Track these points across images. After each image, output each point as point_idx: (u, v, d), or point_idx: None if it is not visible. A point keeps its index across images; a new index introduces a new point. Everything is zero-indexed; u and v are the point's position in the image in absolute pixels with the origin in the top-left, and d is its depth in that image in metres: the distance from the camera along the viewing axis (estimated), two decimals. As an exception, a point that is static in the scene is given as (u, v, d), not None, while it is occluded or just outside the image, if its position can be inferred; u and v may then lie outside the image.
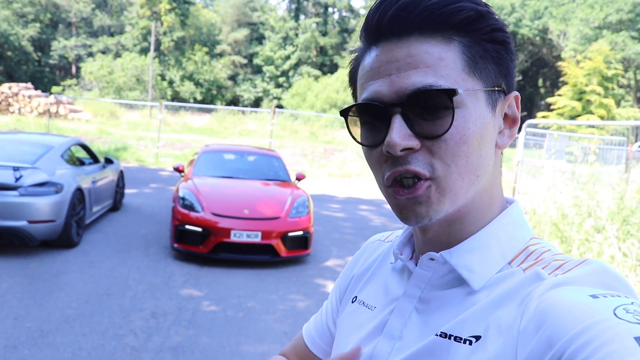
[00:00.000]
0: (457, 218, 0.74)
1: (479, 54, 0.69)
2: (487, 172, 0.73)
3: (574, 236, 7.24)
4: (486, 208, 0.75)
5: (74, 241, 6.88)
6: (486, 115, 0.70)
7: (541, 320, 0.58)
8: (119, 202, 9.47)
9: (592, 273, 0.63)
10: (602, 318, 0.53)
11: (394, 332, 0.77)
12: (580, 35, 43.66)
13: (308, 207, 7.37)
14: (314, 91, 46.71)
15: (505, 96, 0.74)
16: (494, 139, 0.73)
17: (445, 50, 0.68)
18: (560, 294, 0.59)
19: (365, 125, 0.74)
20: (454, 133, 0.67)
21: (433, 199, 0.69)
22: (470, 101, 0.68)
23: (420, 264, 0.77)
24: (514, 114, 0.76)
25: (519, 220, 0.77)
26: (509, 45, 0.72)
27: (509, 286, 0.68)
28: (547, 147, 13.53)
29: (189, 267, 6.50)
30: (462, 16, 0.67)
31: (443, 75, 0.67)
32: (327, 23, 60.23)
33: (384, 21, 0.70)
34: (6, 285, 5.38)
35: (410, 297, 0.77)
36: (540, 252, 0.71)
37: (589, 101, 35.18)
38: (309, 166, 19.08)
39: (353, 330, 0.86)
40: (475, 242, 0.74)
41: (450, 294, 0.74)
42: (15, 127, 21.60)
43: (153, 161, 17.52)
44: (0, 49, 50.14)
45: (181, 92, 51.58)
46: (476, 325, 0.67)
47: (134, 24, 54.47)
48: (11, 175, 6.36)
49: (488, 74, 0.70)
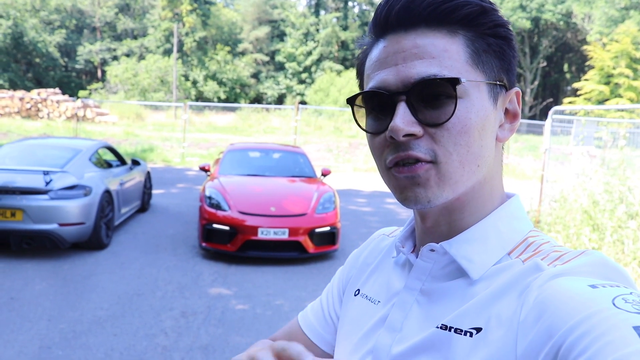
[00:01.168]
0: (457, 207, 0.75)
1: (482, 47, 0.72)
2: (488, 163, 0.74)
3: (606, 223, 7.11)
4: (486, 199, 0.76)
5: (103, 243, 6.98)
6: (488, 108, 0.72)
7: (541, 311, 0.59)
8: (146, 203, 9.57)
9: (591, 264, 0.63)
10: (601, 308, 0.54)
11: (395, 324, 0.78)
12: (606, 17, 42.74)
13: (334, 203, 7.36)
14: (337, 86, 46.60)
15: (506, 91, 0.76)
16: (494, 131, 0.75)
17: (450, 42, 0.70)
18: (560, 284, 0.60)
19: (371, 113, 0.76)
20: (455, 122, 0.69)
21: (432, 182, 0.71)
22: (473, 92, 0.70)
23: (420, 256, 0.79)
24: (515, 109, 0.78)
25: (519, 213, 0.78)
26: (511, 42, 0.74)
27: (509, 277, 0.68)
28: (574, 134, 13.30)
29: (217, 266, 6.54)
30: (466, 11, 0.70)
31: (447, 66, 0.70)
32: (348, 17, 59.96)
33: (392, 14, 0.73)
34: (39, 288, 5.48)
35: (411, 290, 0.78)
36: (539, 244, 0.72)
37: (617, 84, 34.44)
38: (335, 161, 19.06)
39: (356, 323, 0.86)
40: (474, 232, 0.75)
41: (450, 286, 0.74)
42: (45, 132, 22.01)
43: (179, 161, 17.68)
44: (29, 56, 51.07)
45: (205, 92, 51.92)
46: (477, 317, 0.68)
47: (157, 26, 54.94)
48: (41, 179, 6.47)
49: (490, 68, 0.73)
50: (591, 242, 7.06)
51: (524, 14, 49.64)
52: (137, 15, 59.46)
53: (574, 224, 7.64)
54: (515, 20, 49.49)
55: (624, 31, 35.57)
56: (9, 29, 47.39)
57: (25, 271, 5.97)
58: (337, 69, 53.98)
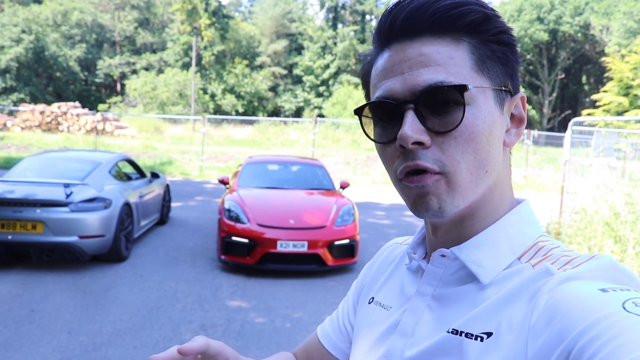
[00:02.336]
0: (468, 214, 0.75)
1: (486, 54, 0.72)
2: (496, 168, 0.74)
3: (628, 235, 6.99)
4: (497, 204, 0.77)
5: (123, 255, 7.00)
6: (494, 113, 0.72)
7: (551, 315, 0.59)
8: (165, 215, 9.60)
9: (601, 268, 0.63)
10: (612, 312, 0.54)
11: (407, 329, 0.78)
12: (624, 29, 42.55)
13: (353, 215, 7.32)
14: (355, 99, 46.65)
15: (512, 97, 0.76)
16: (502, 136, 0.75)
17: (454, 49, 0.71)
18: (570, 288, 0.60)
19: (379, 123, 0.76)
20: (463, 130, 0.70)
21: (442, 191, 0.71)
22: (480, 98, 0.71)
23: (431, 261, 0.79)
24: (520, 114, 0.78)
25: (529, 218, 0.78)
26: (514, 48, 0.75)
27: (519, 282, 0.68)
28: (594, 145, 13.16)
29: (236, 279, 6.52)
30: (470, 18, 0.71)
31: (453, 73, 0.70)
32: (365, 30, 60.16)
33: (397, 24, 0.73)
34: (60, 300, 5.49)
35: (422, 295, 0.79)
36: (549, 248, 0.72)
37: (636, 96, 34.11)
38: (353, 174, 19.03)
39: (369, 329, 0.87)
40: (484, 237, 0.75)
41: (461, 291, 0.75)
42: (65, 145, 22.25)
43: (198, 174, 17.75)
44: (50, 70, 51.84)
45: (223, 105, 52.28)
46: (487, 322, 0.68)
47: (175, 40, 55.53)
48: (62, 192, 6.51)
49: (495, 74, 0.73)
50: (613, 254, 6.94)
51: (541, 26, 49.52)
52: (156, 30, 60.17)
53: (595, 236, 7.53)
54: (533, 33, 49.39)
55: (642, 42, 35.32)
56: (31, 43, 48.16)
57: (45, 283, 6.00)
58: (354, 81, 54.06)
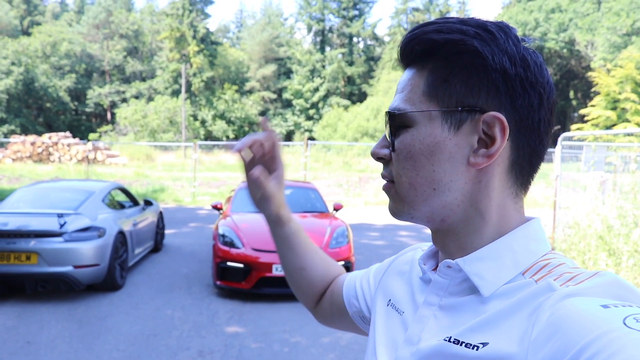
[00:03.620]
0: (447, 229, 0.80)
1: (442, 77, 0.75)
2: (453, 188, 0.76)
3: (622, 248, 7.04)
4: (478, 223, 0.77)
5: (118, 284, 6.97)
6: (439, 135, 0.75)
7: (552, 331, 0.60)
8: (159, 242, 9.58)
9: (605, 284, 0.64)
10: (612, 328, 0.55)
11: (413, 338, 0.80)
12: (609, 43, 43.16)
13: (348, 237, 7.34)
14: (345, 121, 46.90)
15: (480, 115, 0.74)
16: (457, 157, 0.75)
17: (416, 76, 0.78)
18: (572, 304, 0.61)
19: None
20: (402, 148, 0.78)
21: (395, 198, 0.82)
22: (422, 121, 0.76)
23: (438, 271, 0.81)
24: (492, 134, 0.74)
25: (537, 235, 0.78)
26: (479, 67, 0.73)
27: (521, 296, 0.69)
28: (584, 159, 13.27)
29: (233, 304, 6.51)
30: (421, 48, 0.77)
31: (406, 99, 0.78)
32: (353, 53, 60.71)
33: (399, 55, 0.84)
34: (55, 331, 5.46)
35: (429, 305, 0.81)
36: (554, 265, 0.73)
37: (624, 109, 34.45)
38: (345, 196, 19.06)
39: (386, 334, 0.89)
40: (488, 251, 0.76)
41: (464, 302, 0.76)
42: (56, 175, 22.19)
43: (190, 200, 17.73)
44: (40, 101, 51.92)
45: (214, 131, 52.38)
46: (485, 333, 0.69)
47: (164, 68, 55.79)
48: (56, 222, 6.50)
49: (449, 96, 0.75)
50: (608, 267, 6.99)
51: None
52: (145, 58, 60.45)
53: (589, 250, 7.57)
54: (519, 50, 49.86)
55: (627, 57, 35.77)
56: (21, 75, 48.33)
57: (40, 314, 5.96)
58: (344, 104, 54.43)
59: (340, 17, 59.89)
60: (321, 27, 59.92)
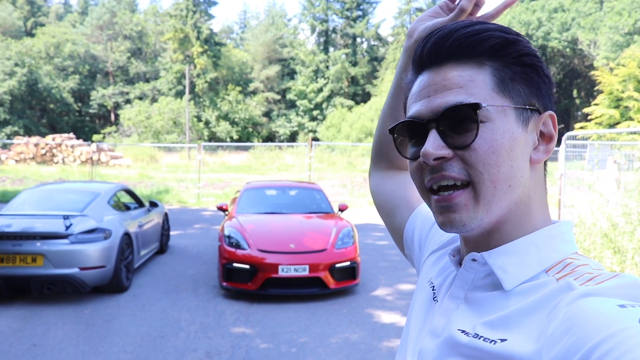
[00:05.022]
0: (495, 228, 0.79)
1: (508, 75, 0.78)
2: (521, 184, 0.77)
3: (626, 246, 7.02)
4: (523, 220, 0.79)
5: (124, 286, 6.97)
6: (515, 130, 0.76)
7: (568, 327, 0.61)
8: (165, 244, 9.57)
9: (624, 286, 0.65)
10: (627, 326, 0.56)
11: (437, 330, 0.81)
12: (611, 42, 43.12)
13: (353, 237, 7.32)
14: (349, 121, 46.89)
15: (539, 115, 0.80)
16: (526, 153, 0.78)
17: (476, 73, 0.77)
18: (588, 303, 0.62)
19: (410, 141, 0.83)
20: (482, 143, 0.75)
21: (469, 205, 0.76)
22: (498, 116, 0.75)
23: (463, 265, 0.82)
24: (550, 131, 0.81)
25: (564, 237, 0.79)
26: (538, 69, 0.80)
27: (542, 294, 0.70)
28: (589, 158, 13.25)
29: (239, 305, 6.50)
30: (490, 43, 0.77)
31: (473, 94, 0.76)
32: (357, 53, 60.66)
33: (425, 53, 0.82)
34: (62, 333, 5.46)
35: (454, 298, 0.82)
36: (576, 265, 0.73)
37: (627, 107, 34.43)
38: (350, 196, 19.04)
39: (419, 317, 0.90)
40: (514, 246, 0.78)
41: (488, 296, 0.78)
42: (60, 177, 22.23)
43: (195, 202, 17.73)
44: (43, 102, 52.05)
45: (217, 132, 52.43)
46: (505, 329, 0.70)
47: (168, 69, 55.87)
48: (62, 224, 6.50)
49: (518, 94, 0.78)
50: (613, 265, 6.97)
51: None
52: (149, 59, 60.56)
53: (594, 248, 7.55)
54: (522, 50, 49.88)
55: (629, 55, 35.74)
56: (24, 76, 48.43)
57: (46, 317, 5.96)
58: (348, 104, 54.40)
59: (343, 17, 59.89)
60: (325, 27, 59.90)
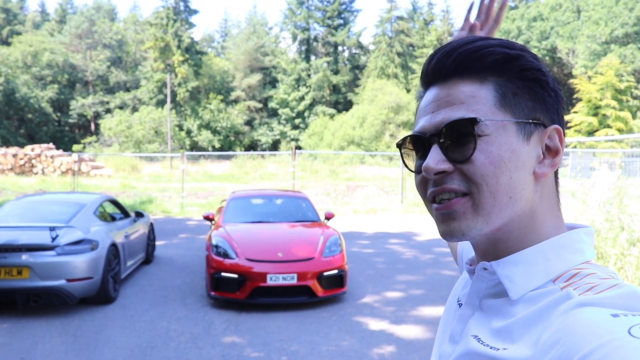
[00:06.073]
0: (499, 237, 0.80)
1: (510, 90, 0.79)
2: (524, 196, 0.78)
3: (609, 252, 7.14)
4: (529, 231, 0.80)
5: (111, 297, 6.92)
6: (515, 144, 0.77)
7: (559, 337, 0.62)
8: (151, 254, 9.52)
9: (622, 296, 0.65)
10: (616, 337, 0.56)
11: (455, 336, 0.84)
12: (589, 51, 43.88)
13: (340, 245, 7.36)
14: (331, 129, 47.05)
15: (544, 128, 0.80)
16: (528, 166, 0.78)
17: (478, 88, 0.79)
18: (582, 313, 0.62)
19: (417, 154, 0.85)
20: (479, 156, 0.76)
21: (467, 214, 0.77)
22: (497, 131, 0.77)
23: (476, 274, 0.84)
24: (555, 145, 0.81)
25: (575, 246, 0.79)
26: (543, 83, 0.80)
27: (544, 303, 0.71)
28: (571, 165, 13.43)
29: (228, 314, 6.49)
30: (491, 59, 0.79)
31: (474, 110, 0.78)
32: (338, 61, 60.92)
33: (430, 69, 0.84)
34: (50, 346, 5.41)
35: (470, 306, 0.84)
36: (584, 275, 0.73)
37: (605, 115, 35.08)
38: (333, 204, 19.08)
39: (445, 323, 0.93)
40: (522, 256, 0.79)
41: (497, 303, 0.79)
42: (40, 188, 21.98)
43: (179, 211, 17.63)
44: (21, 112, 51.48)
45: (199, 141, 52.26)
46: (507, 337, 0.72)
47: (149, 78, 55.63)
48: (48, 235, 6.45)
49: (521, 108, 0.79)
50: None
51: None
52: (129, 68, 60.24)
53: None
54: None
55: (607, 64, 36.50)
56: (1, 85, 47.85)
57: (33, 329, 5.90)
58: (330, 112, 54.59)
59: (325, 26, 60.17)
60: (306, 36, 60.12)
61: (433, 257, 10.21)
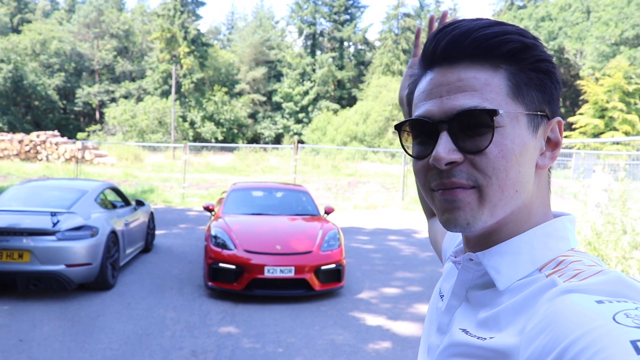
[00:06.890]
0: (495, 229, 0.79)
1: (523, 81, 0.76)
2: (527, 189, 0.77)
3: (610, 254, 7.14)
4: (524, 222, 0.79)
5: (109, 283, 6.98)
6: (526, 136, 0.76)
7: (545, 325, 0.62)
8: (150, 243, 9.57)
9: (606, 282, 0.65)
10: (601, 323, 0.56)
11: (443, 327, 0.84)
12: (597, 52, 43.60)
13: (339, 240, 7.39)
14: (334, 125, 47.03)
15: (548, 121, 0.80)
16: (534, 159, 0.78)
17: (492, 76, 0.75)
18: (567, 300, 0.63)
19: (416, 139, 0.82)
20: (493, 148, 0.74)
21: (473, 205, 0.75)
22: (511, 122, 0.75)
23: (462, 265, 0.84)
24: (557, 137, 0.81)
25: (559, 234, 0.79)
26: (553, 75, 0.79)
27: (530, 291, 0.71)
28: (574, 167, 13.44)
29: (224, 305, 6.54)
30: (508, 47, 0.75)
31: (488, 99, 0.74)
32: (343, 57, 60.85)
33: (439, 49, 0.78)
34: (47, 329, 5.47)
35: (456, 297, 0.84)
36: (569, 262, 0.73)
37: (611, 118, 34.84)
38: (334, 199, 19.12)
39: (432, 315, 0.93)
40: (507, 246, 0.78)
41: (483, 294, 0.79)
42: (44, 174, 22.07)
43: (180, 202, 17.69)
44: (28, 99, 51.56)
45: (202, 133, 52.25)
46: (493, 326, 0.72)
47: (155, 68, 55.59)
48: (49, 220, 6.50)
49: (531, 100, 0.77)
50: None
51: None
52: (135, 58, 60.23)
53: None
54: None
55: (615, 66, 36.17)
56: (9, 72, 48.00)
57: (32, 312, 5.96)
58: (333, 108, 54.52)
59: (331, 21, 60.10)
60: (312, 30, 60.07)
61: (432, 254, 10.23)
